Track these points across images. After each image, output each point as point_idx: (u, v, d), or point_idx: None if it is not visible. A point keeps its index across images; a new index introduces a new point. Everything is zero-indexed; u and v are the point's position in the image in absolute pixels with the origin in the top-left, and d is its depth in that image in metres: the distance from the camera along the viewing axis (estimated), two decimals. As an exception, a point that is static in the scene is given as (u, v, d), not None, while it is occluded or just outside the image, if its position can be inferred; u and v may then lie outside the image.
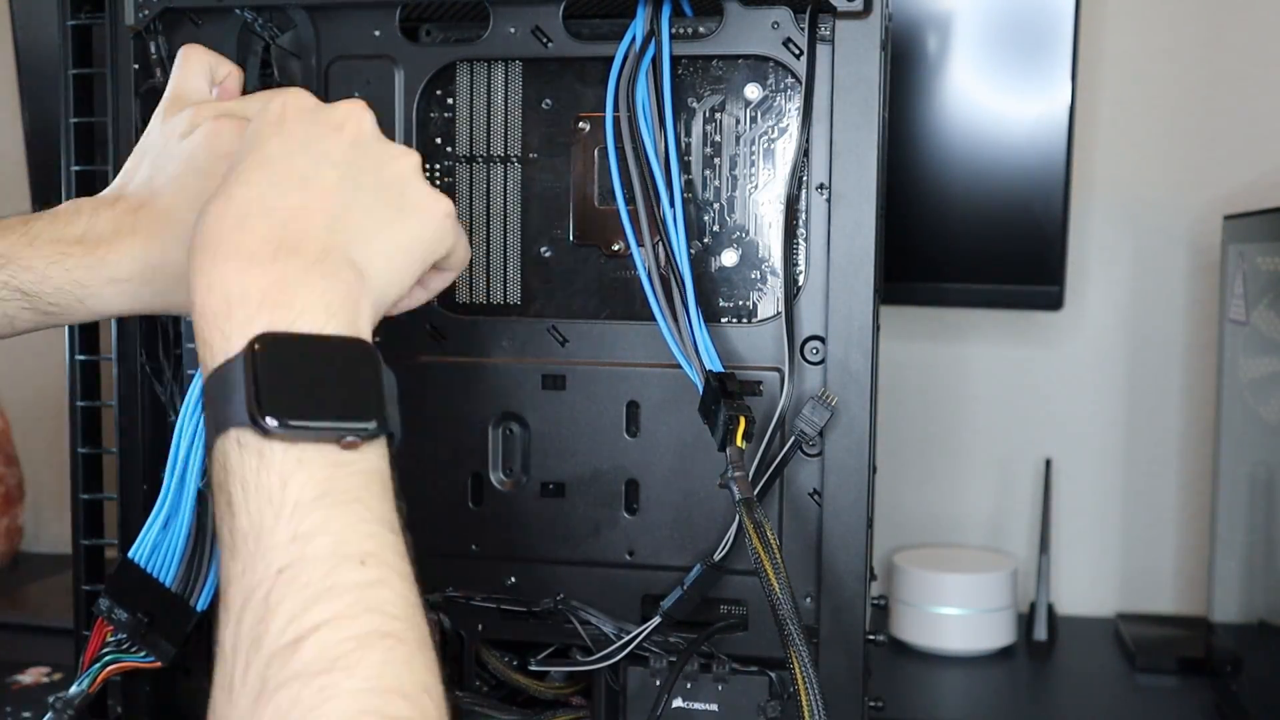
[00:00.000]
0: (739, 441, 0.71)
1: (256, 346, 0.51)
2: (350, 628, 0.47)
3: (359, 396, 0.53)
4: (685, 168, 0.79)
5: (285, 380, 0.51)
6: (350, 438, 0.52)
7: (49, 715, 0.72)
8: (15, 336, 0.68)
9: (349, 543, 0.49)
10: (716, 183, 0.79)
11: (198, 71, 0.73)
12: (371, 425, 0.52)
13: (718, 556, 0.77)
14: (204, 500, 0.78)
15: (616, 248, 0.80)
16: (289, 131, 0.59)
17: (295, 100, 0.61)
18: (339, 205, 0.57)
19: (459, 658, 0.82)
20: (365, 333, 0.55)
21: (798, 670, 0.65)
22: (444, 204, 0.62)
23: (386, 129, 0.80)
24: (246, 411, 0.50)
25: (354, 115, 0.61)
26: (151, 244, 0.66)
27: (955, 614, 1.25)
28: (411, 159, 0.62)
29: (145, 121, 0.73)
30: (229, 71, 0.75)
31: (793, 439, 0.75)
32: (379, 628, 0.48)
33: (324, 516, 0.49)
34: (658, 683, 0.77)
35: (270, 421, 0.50)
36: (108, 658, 0.76)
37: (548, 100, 0.80)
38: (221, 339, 0.52)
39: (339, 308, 0.54)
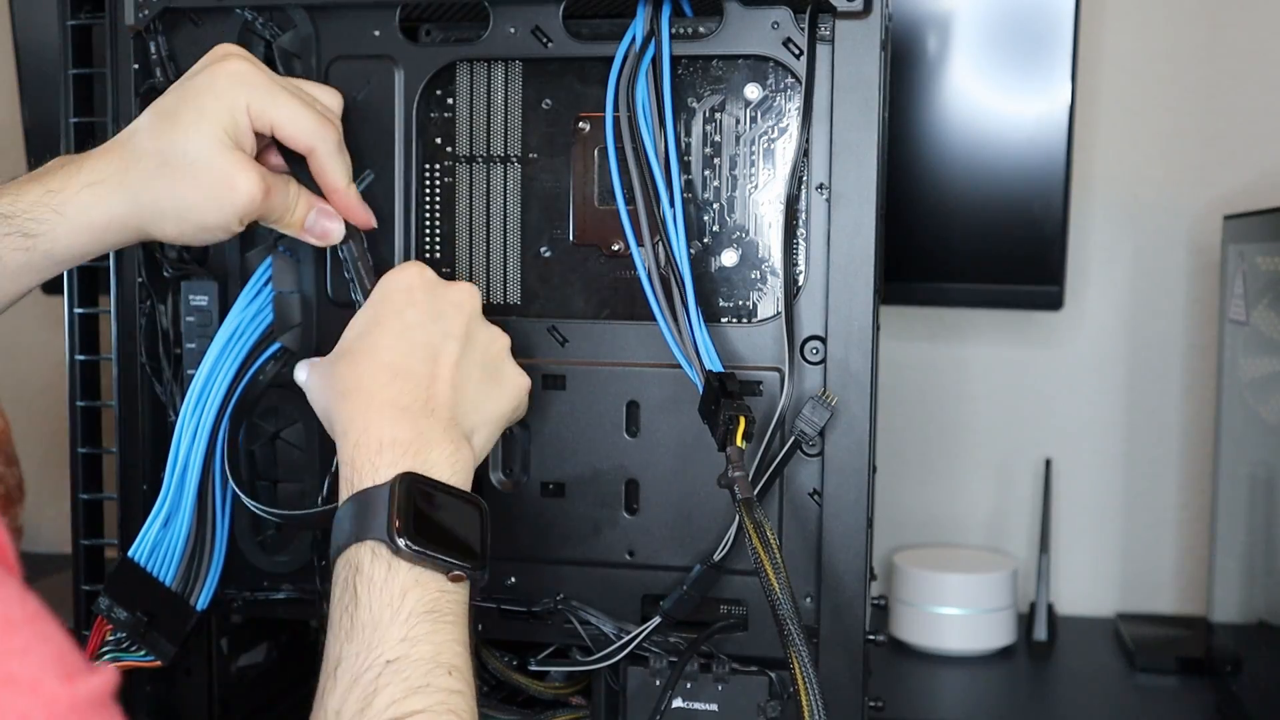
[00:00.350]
0: (739, 441, 0.71)
1: (401, 481, 0.63)
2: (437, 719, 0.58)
3: (470, 542, 0.66)
4: (685, 168, 0.79)
5: (420, 514, 0.63)
6: (457, 571, 0.64)
7: (49, 715, 0.72)
8: (13, 303, 0.73)
9: (443, 654, 0.61)
10: (716, 183, 0.79)
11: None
12: (473, 567, 0.65)
13: (718, 556, 0.77)
14: (204, 500, 0.78)
15: (616, 248, 0.80)
16: (419, 305, 0.70)
17: (420, 275, 0.71)
18: (460, 378, 0.69)
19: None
20: (469, 484, 0.68)
21: (798, 670, 0.65)
22: (527, 381, 0.75)
23: (386, 129, 0.80)
24: (387, 530, 0.62)
25: (469, 297, 0.72)
26: (124, 155, 0.71)
27: (955, 614, 1.25)
28: (506, 340, 0.74)
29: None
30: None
31: (793, 439, 0.75)
32: None
33: (430, 629, 0.61)
34: (658, 683, 0.77)
35: (403, 543, 0.62)
36: (107, 657, 0.76)
37: (548, 100, 0.80)
38: (372, 469, 0.65)
39: (460, 467, 0.67)
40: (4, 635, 0.39)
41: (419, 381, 0.67)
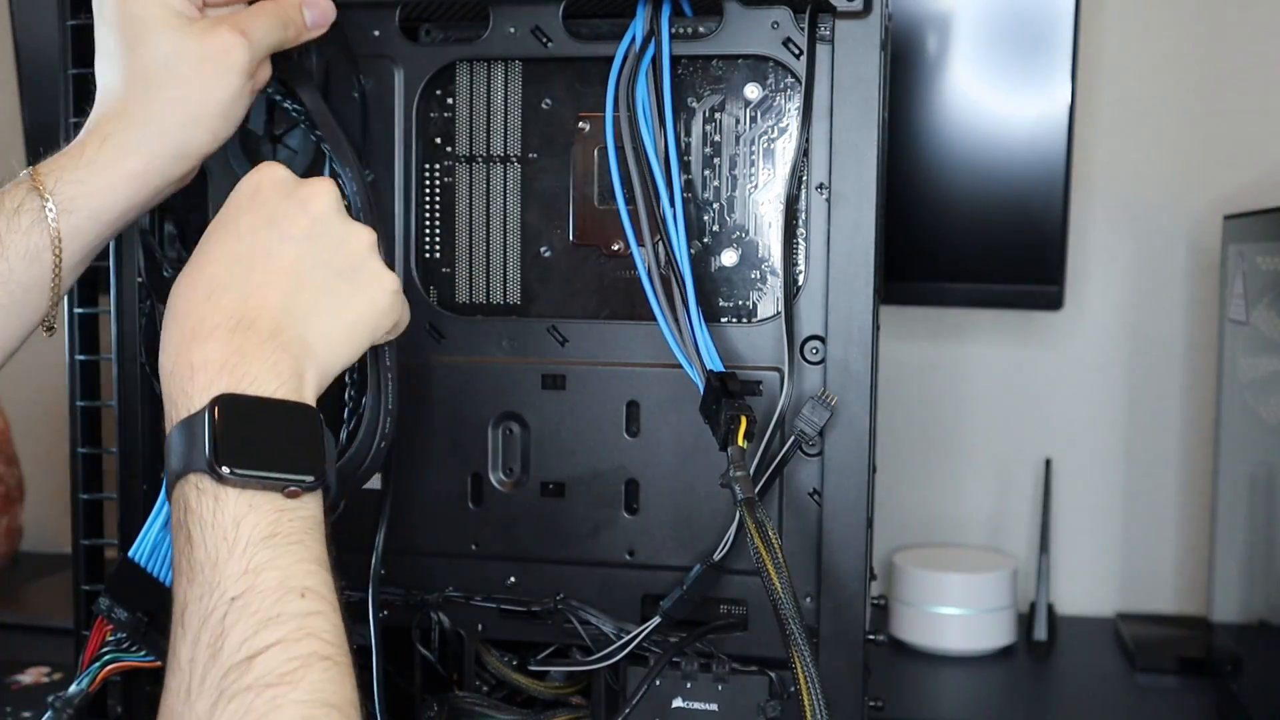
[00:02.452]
0: (740, 441, 0.71)
1: (216, 406, 0.59)
2: (294, 649, 0.55)
3: (302, 453, 0.60)
4: (685, 167, 0.79)
5: (239, 435, 0.58)
6: (293, 487, 0.59)
7: (49, 715, 0.72)
8: (52, 303, 0.72)
9: (292, 578, 0.57)
10: (716, 182, 0.79)
11: None
12: (311, 478, 0.60)
13: (718, 556, 0.77)
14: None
15: (616, 247, 0.80)
16: (259, 208, 0.65)
17: (269, 176, 0.66)
18: (295, 283, 0.64)
19: (459, 658, 0.82)
20: (309, 398, 0.62)
21: (800, 670, 0.65)
22: (393, 281, 0.68)
23: (386, 129, 0.80)
24: (206, 460, 0.58)
25: (319, 193, 0.66)
26: (114, 114, 0.71)
27: (955, 614, 1.25)
28: (367, 237, 0.67)
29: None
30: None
31: (793, 439, 0.75)
32: (317, 651, 0.55)
33: (271, 554, 0.57)
34: (658, 683, 0.77)
35: (225, 469, 0.57)
36: (107, 657, 0.76)
37: (548, 100, 0.80)
38: (185, 398, 0.60)
39: (287, 377, 0.61)
40: None
41: (239, 293, 0.62)
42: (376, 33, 0.80)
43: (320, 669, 0.55)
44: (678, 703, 0.77)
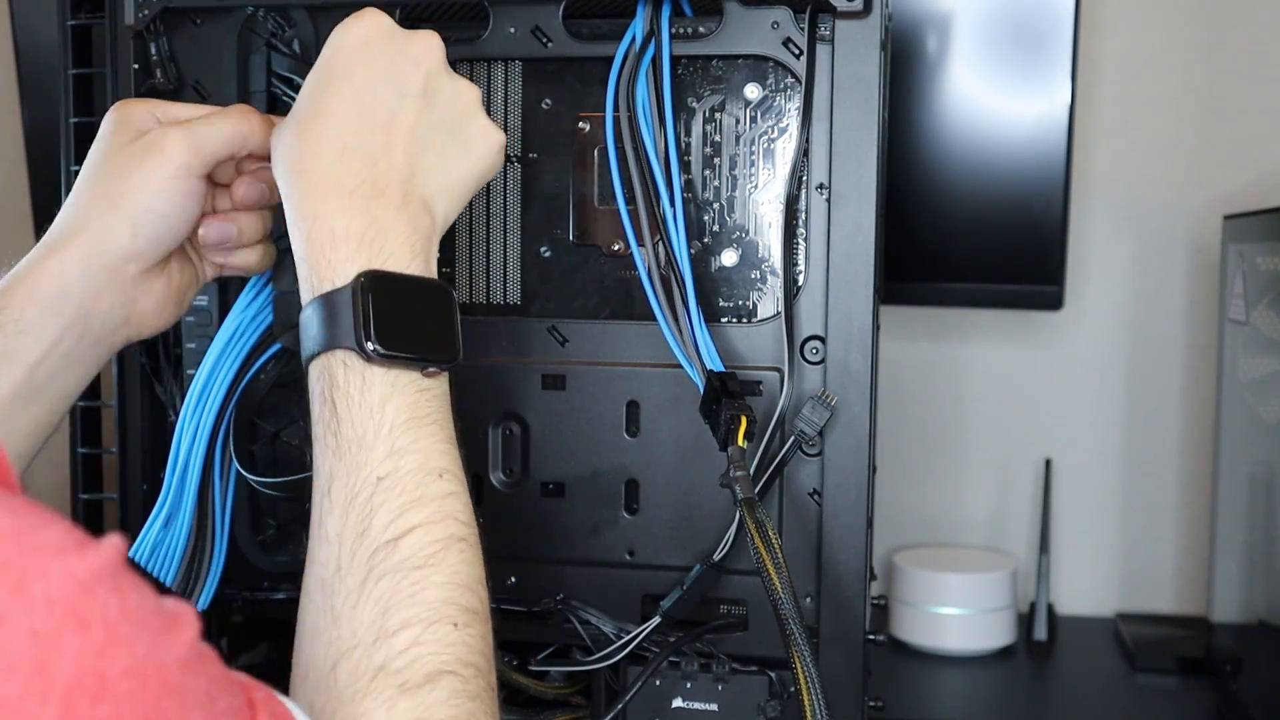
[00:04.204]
0: (740, 441, 0.71)
1: (363, 281, 0.60)
2: (436, 531, 0.59)
3: (441, 332, 0.63)
4: (685, 167, 0.79)
5: (386, 314, 0.60)
6: (432, 368, 0.62)
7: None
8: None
9: (431, 460, 0.60)
10: (716, 183, 0.79)
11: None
12: (449, 359, 0.63)
13: (718, 556, 0.77)
14: (204, 500, 0.78)
15: (616, 248, 0.80)
16: (374, 62, 0.64)
17: (376, 25, 0.65)
18: (418, 145, 0.64)
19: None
20: (434, 268, 0.64)
21: (800, 669, 0.65)
22: (500, 136, 0.69)
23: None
24: (354, 338, 0.59)
25: (431, 49, 0.66)
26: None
27: (955, 614, 1.25)
28: (475, 92, 0.68)
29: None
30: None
31: (793, 439, 0.75)
32: (454, 533, 0.59)
33: (414, 436, 0.60)
34: (658, 682, 0.77)
35: (373, 348, 0.59)
36: (108, 657, 0.76)
37: (548, 100, 0.80)
38: (329, 268, 0.61)
39: (419, 250, 0.63)
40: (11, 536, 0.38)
41: (368, 156, 0.63)
42: (376, 33, 0.80)
43: (457, 550, 0.59)
44: (678, 703, 0.77)
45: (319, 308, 0.61)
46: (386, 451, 0.59)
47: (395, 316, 0.60)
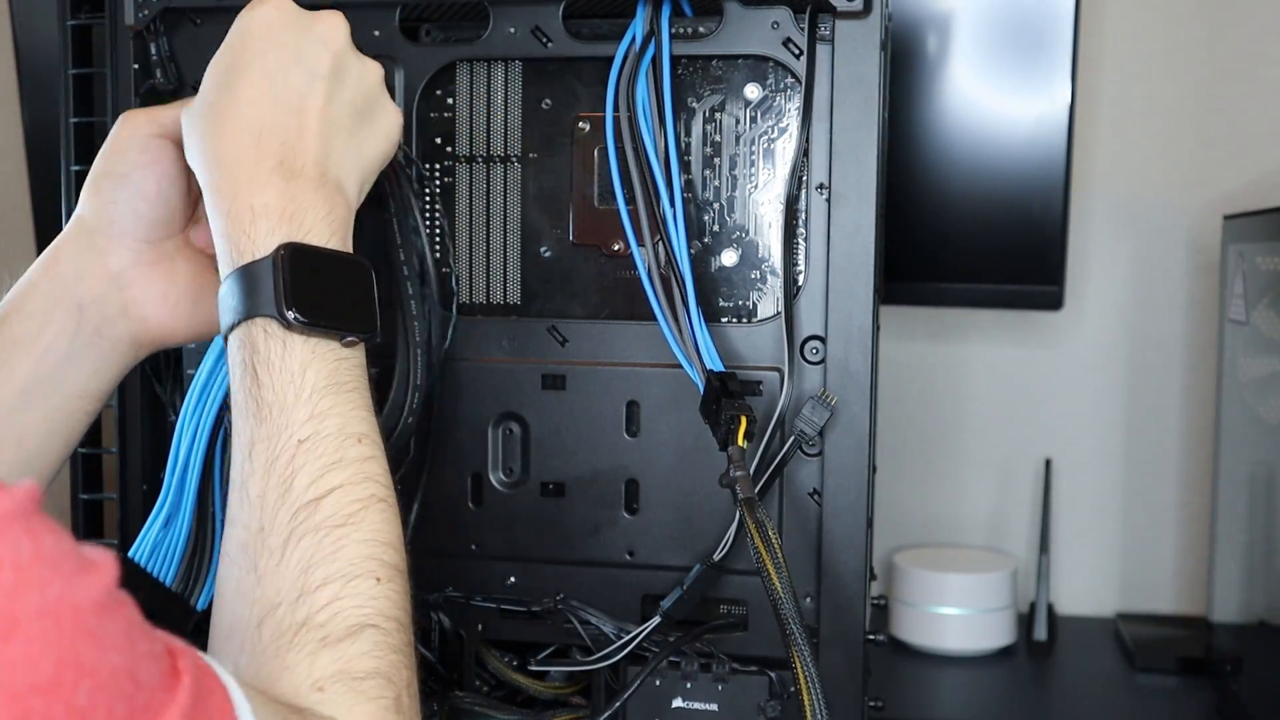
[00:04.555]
0: (740, 441, 0.71)
1: (283, 253, 0.61)
2: (355, 492, 0.60)
3: (360, 305, 0.65)
4: (685, 167, 0.79)
5: (306, 284, 0.61)
6: (350, 338, 0.63)
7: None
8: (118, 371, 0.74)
9: (350, 424, 0.61)
10: (716, 183, 0.79)
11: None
12: (368, 330, 0.64)
13: (718, 556, 0.77)
14: (204, 500, 0.78)
15: (616, 247, 0.80)
16: (282, 45, 0.66)
17: (278, 9, 0.67)
18: (329, 126, 0.66)
19: (459, 658, 0.82)
20: (351, 246, 0.66)
21: (800, 669, 0.65)
22: (398, 113, 0.71)
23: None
24: (275, 305, 0.61)
25: (336, 29, 0.68)
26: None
27: (955, 614, 1.25)
28: (377, 71, 0.70)
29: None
30: None
31: (792, 439, 0.75)
32: (374, 493, 0.61)
33: (333, 401, 0.61)
34: (658, 682, 0.77)
35: (293, 316, 0.61)
36: (108, 657, 0.75)
37: (548, 100, 0.80)
38: (249, 242, 0.62)
39: (337, 227, 0.65)
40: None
41: (285, 137, 0.64)
42: (377, 33, 0.80)
43: (378, 510, 0.60)
44: (678, 703, 0.77)
45: (239, 278, 0.62)
46: (307, 415, 0.60)
47: (315, 287, 0.62)
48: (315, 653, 0.55)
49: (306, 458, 0.59)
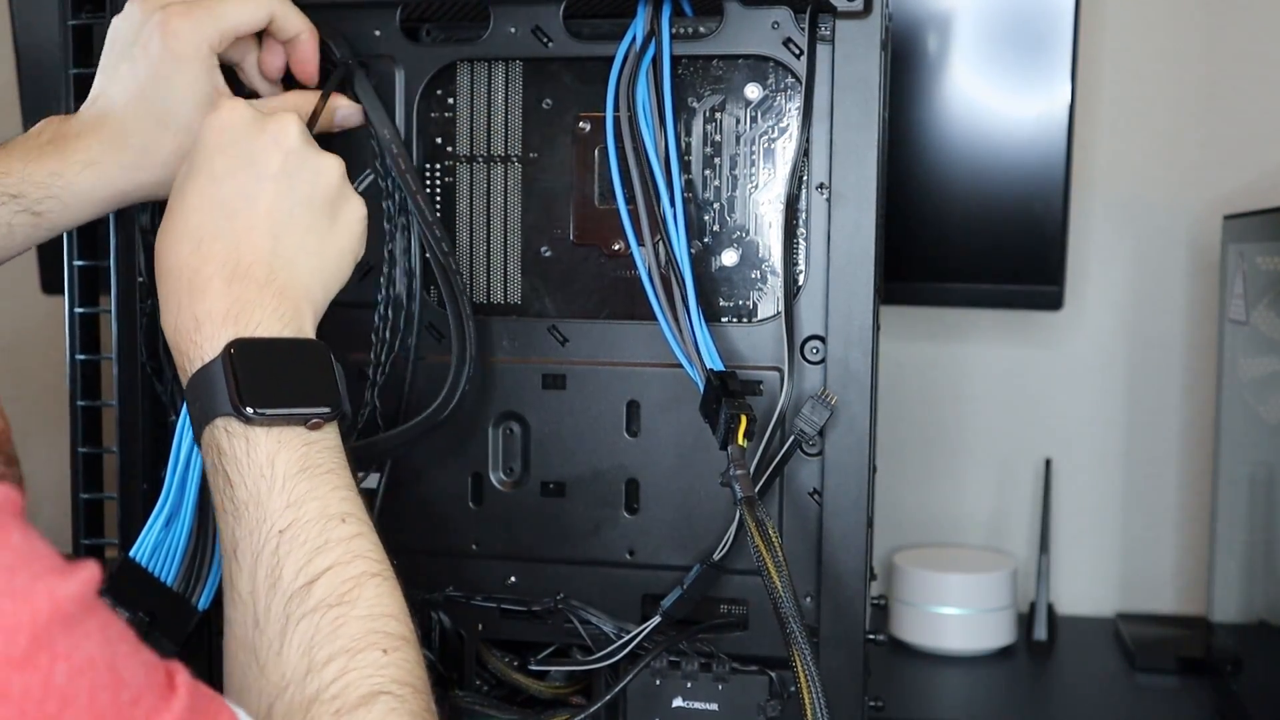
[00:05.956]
0: (740, 440, 0.71)
1: (232, 350, 0.61)
2: (347, 571, 0.59)
3: (319, 385, 0.63)
4: (685, 167, 0.79)
5: (258, 376, 0.61)
6: (315, 419, 0.62)
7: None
8: (13, 257, 0.73)
9: (331, 505, 0.60)
10: (716, 182, 0.79)
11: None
12: (330, 409, 0.63)
13: (718, 556, 0.77)
14: (205, 499, 0.78)
15: (616, 247, 0.80)
16: (230, 147, 0.66)
17: (234, 114, 0.67)
18: (279, 225, 0.65)
19: (459, 657, 0.82)
20: (311, 333, 0.65)
21: (800, 669, 0.65)
22: (362, 206, 0.70)
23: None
24: (230, 403, 0.60)
25: (287, 127, 0.67)
26: (113, 136, 0.72)
27: (955, 614, 1.25)
28: (338, 167, 0.68)
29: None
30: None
31: (793, 438, 0.75)
32: (367, 569, 0.60)
33: (309, 486, 0.60)
34: (658, 682, 0.77)
35: (250, 410, 0.60)
36: (108, 657, 0.75)
37: (548, 100, 0.80)
38: (196, 349, 0.62)
39: (290, 319, 0.64)
40: None
41: (227, 241, 0.63)
42: (377, 33, 0.80)
43: (373, 585, 0.59)
44: (678, 702, 0.77)
45: (194, 386, 0.62)
46: (283, 504, 0.60)
47: (268, 377, 0.61)
48: None
49: (290, 545, 0.59)
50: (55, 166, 0.71)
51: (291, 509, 0.59)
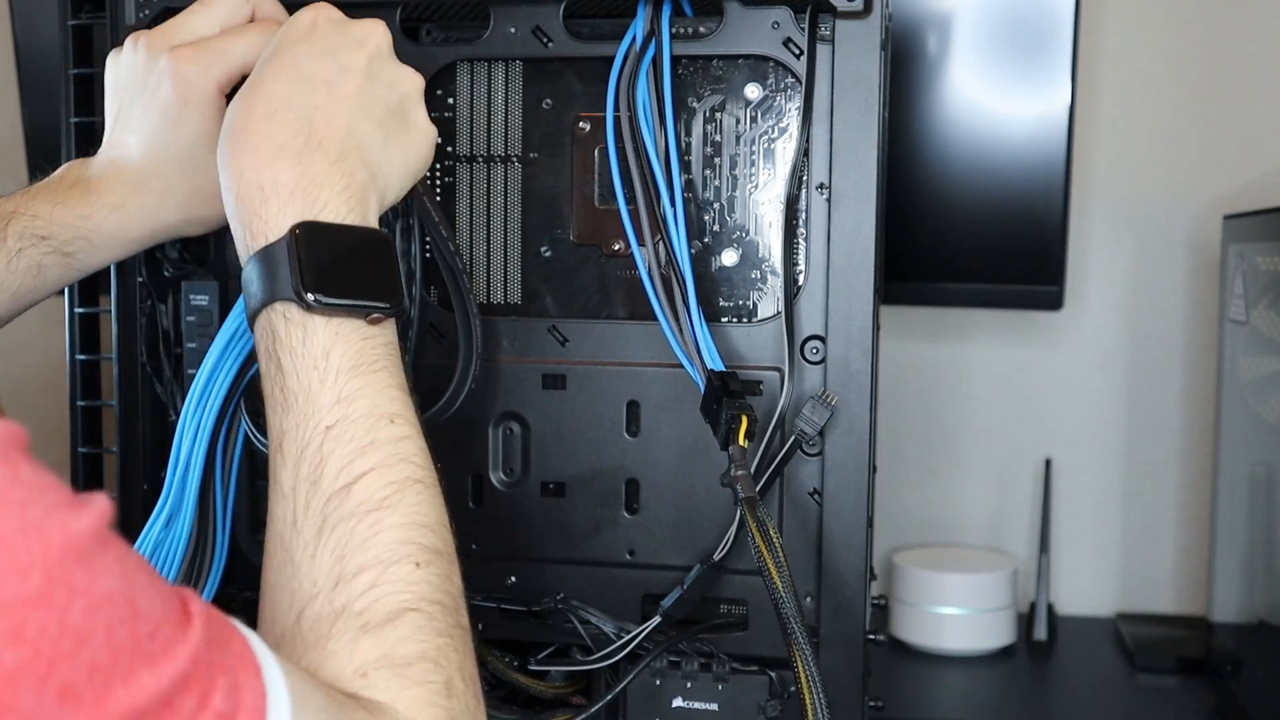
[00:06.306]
0: (741, 440, 0.71)
1: (298, 233, 0.59)
2: (389, 475, 0.58)
3: (382, 279, 0.62)
4: (685, 167, 0.79)
5: (323, 264, 0.59)
6: (375, 314, 0.61)
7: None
8: (47, 297, 0.74)
9: (381, 405, 0.59)
10: (717, 182, 0.79)
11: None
12: (390, 304, 0.62)
13: (718, 556, 0.77)
14: (205, 500, 0.78)
15: (617, 247, 0.80)
16: (317, 39, 0.65)
17: (324, 13, 0.67)
18: (357, 111, 0.64)
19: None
20: (374, 224, 0.64)
21: (801, 669, 0.65)
22: (433, 130, 0.69)
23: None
24: (293, 289, 0.59)
25: (375, 33, 0.67)
26: (132, 179, 0.73)
27: (955, 614, 1.25)
28: (418, 81, 0.68)
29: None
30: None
31: (793, 438, 0.75)
32: (410, 475, 0.59)
33: (360, 383, 0.59)
34: (658, 682, 0.77)
35: (312, 298, 0.59)
36: (108, 657, 0.75)
37: (548, 100, 0.80)
38: (261, 224, 0.61)
39: (355, 204, 0.62)
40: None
41: (301, 113, 0.62)
42: (377, 33, 0.80)
43: (414, 492, 0.58)
44: (678, 702, 0.77)
45: (256, 264, 0.60)
46: (333, 400, 0.58)
47: (332, 265, 0.60)
48: (356, 639, 0.54)
49: (335, 444, 0.58)
50: (83, 210, 0.71)
51: (341, 405, 0.58)
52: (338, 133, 0.62)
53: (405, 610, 0.55)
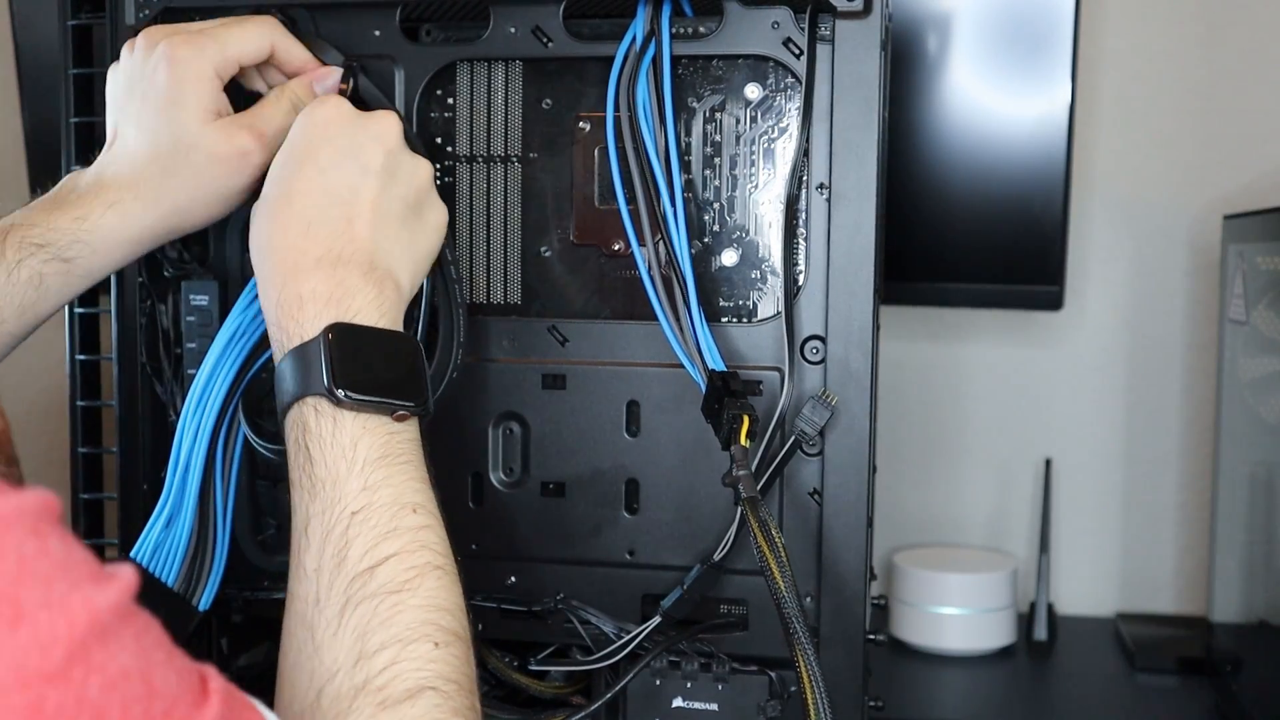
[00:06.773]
0: (743, 440, 0.71)
1: (330, 334, 0.64)
2: (411, 560, 0.61)
3: (409, 379, 0.66)
4: (685, 167, 0.79)
5: (354, 362, 0.63)
6: (401, 411, 0.65)
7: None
8: (53, 313, 0.74)
9: (404, 495, 0.63)
10: (717, 182, 0.79)
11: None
12: (416, 404, 0.66)
13: (718, 556, 0.77)
14: (206, 500, 0.78)
15: (617, 247, 0.80)
16: (336, 141, 0.69)
17: (336, 109, 0.71)
18: (380, 218, 0.68)
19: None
20: (401, 326, 0.68)
21: (803, 668, 0.65)
22: (445, 212, 0.74)
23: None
24: (324, 384, 0.62)
25: (389, 128, 0.70)
26: (130, 173, 0.73)
27: (955, 614, 1.25)
28: (428, 169, 0.72)
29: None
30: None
31: (793, 438, 0.75)
32: (431, 561, 0.61)
33: (386, 473, 0.63)
34: (658, 682, 0.77)
35: (342, 393, 0.63)
36: (108, 657, 0.75)
37: (548, 100, 0.80)
38: (297, 326, 0.65)
39: (386, 310, 0.67)
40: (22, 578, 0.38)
41: (334, 228, 0.67)
42: (377, 33, 0.80)
43: (434, 577, 0.61)
44: (678, 702, 0.77)
45: (291, 361, 0.64)
46: (359, 487, 0.61)
47: (363, 364, 0.64)
48: (374, 716, 0.55)
49: (360, 528, 0.60)
50: (79, 212, 0.72)
51: (367, 493, 0.61)
52: (365, 245, 0.67)
53: (423, 689, 0.57)
